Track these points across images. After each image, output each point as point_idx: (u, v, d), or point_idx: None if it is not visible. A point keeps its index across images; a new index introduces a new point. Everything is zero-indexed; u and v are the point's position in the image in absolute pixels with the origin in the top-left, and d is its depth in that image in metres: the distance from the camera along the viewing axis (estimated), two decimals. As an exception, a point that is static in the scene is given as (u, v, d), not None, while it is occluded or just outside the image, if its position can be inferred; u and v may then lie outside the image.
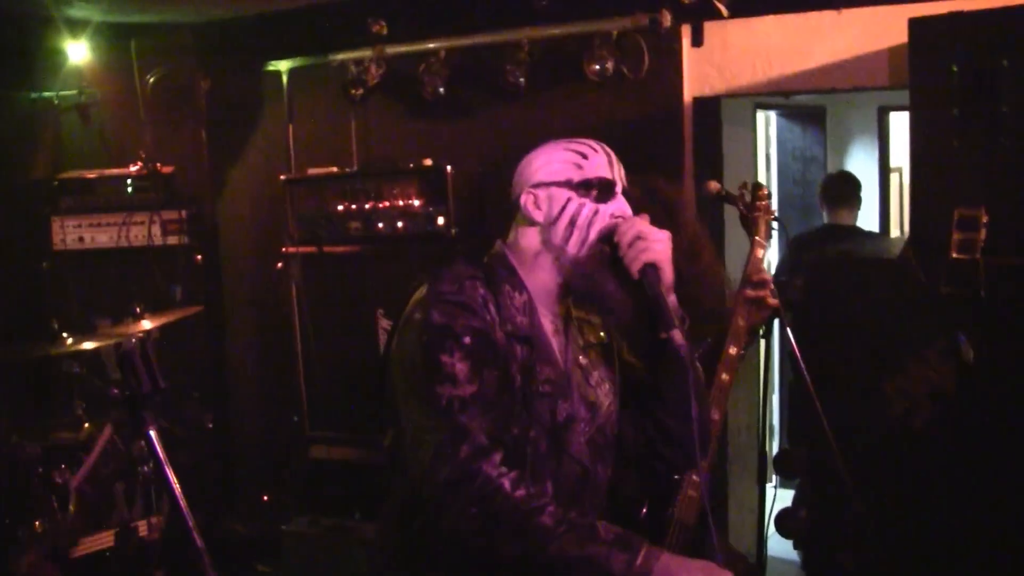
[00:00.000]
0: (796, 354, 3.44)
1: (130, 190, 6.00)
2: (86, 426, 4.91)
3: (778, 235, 3.77)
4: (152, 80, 5.84)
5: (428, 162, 5.33)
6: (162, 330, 5.11)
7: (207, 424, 5.92)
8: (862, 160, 7.33)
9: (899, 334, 3.83)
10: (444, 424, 2.15)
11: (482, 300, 2.26)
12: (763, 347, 3.76)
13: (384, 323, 5.36)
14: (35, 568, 4.25)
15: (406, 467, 2.27)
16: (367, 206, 5.40)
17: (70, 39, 5.81)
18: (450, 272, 2.32)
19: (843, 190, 6.03)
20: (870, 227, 6.51)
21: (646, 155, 4.88)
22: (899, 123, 6.89)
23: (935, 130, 3.73)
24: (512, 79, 5.13)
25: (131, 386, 2.02)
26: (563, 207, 2.34)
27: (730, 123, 5.32)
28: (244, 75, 6.10)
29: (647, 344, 2.39)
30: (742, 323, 3.13)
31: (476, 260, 2.41)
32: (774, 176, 7.14)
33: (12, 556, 4.22)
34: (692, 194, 4.68)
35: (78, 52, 5.90)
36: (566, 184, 2.35)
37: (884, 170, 7.08)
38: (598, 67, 4.93)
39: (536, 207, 2.37)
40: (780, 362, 6.17)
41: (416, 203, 5.29)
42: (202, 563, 2.01)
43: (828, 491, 3.92)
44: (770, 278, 3.21)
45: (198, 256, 6.03)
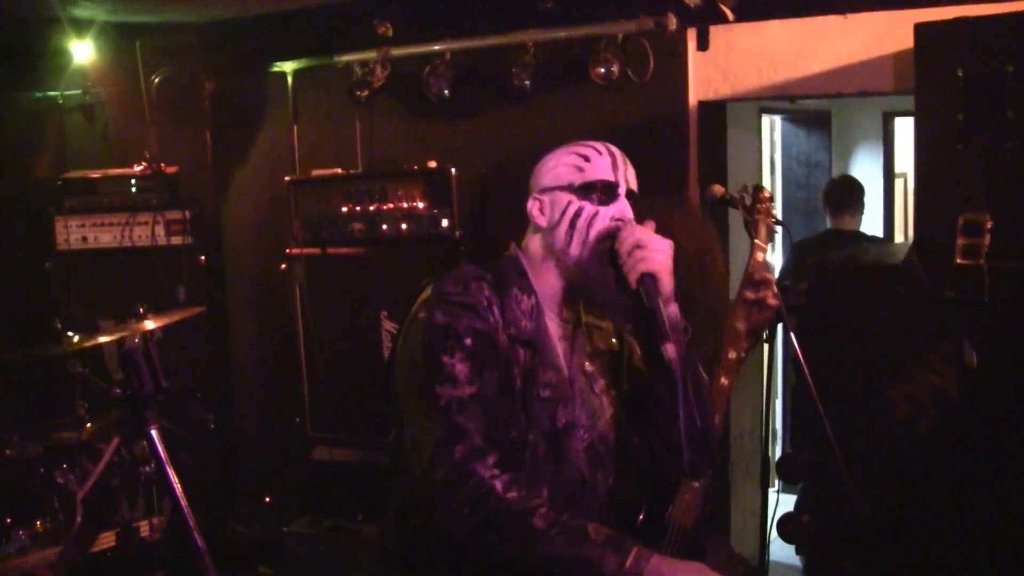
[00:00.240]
0: (799, 358, 3.43)
1: (134, 190, 5.99)
2: (88, 426, 4.90)
3: (782, 239, 3.76)
4: (157, 80, 5.84)
5: (432, 164, 5.32)
6: (165, 330, 5.11)
7: (209, 425, 5.92)
8: (867, 165, 7.32)
9: (903, 339, 3.82)
10: (442, 424, 2.16)
11: (486, 302, 2.27)
12: (766, 351, 3.76)
13: (387, 325, 5.35)
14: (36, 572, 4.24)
15: (407, 466, 2.28)
16: (371, 208, 5.39)
17: (75, 39, 5.80)
18: (456, 273, 2.33)
19: (846, 195, 6.02)
20: (874, 232, 6.50)
21: (651, 159, 4.87)
22: (904, 128, 6.88)
23: (940, 135, 3.72)
24: (517, 82, 5.13)
25: (133, 386, 2.02)
26: (563, 211, 2.35)
27: (735, 127, 5.32)
28: (249, 76, 6.10)
29: (648, 352, 2.40)
30: (741, 327, 3.12)
31: (485, 261, 2.41)
32: (779, 181, 7.13)
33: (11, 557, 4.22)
34: (696, 200, 4.69)
35: (83, 52, 5.90)
36: (568, 188, 2.36)
37: (889, 175, 7.07)
38: (603, 70, 4.92)
39: (540, 212, 2.39)
40: (783, 366, 6.16)
41: (420, 205, 5.28)
42: (203, 564, 2.01)
43: (831, 496, 3.91)
44: (772, 279, 3.19)
45: (202, 257, 6.03)
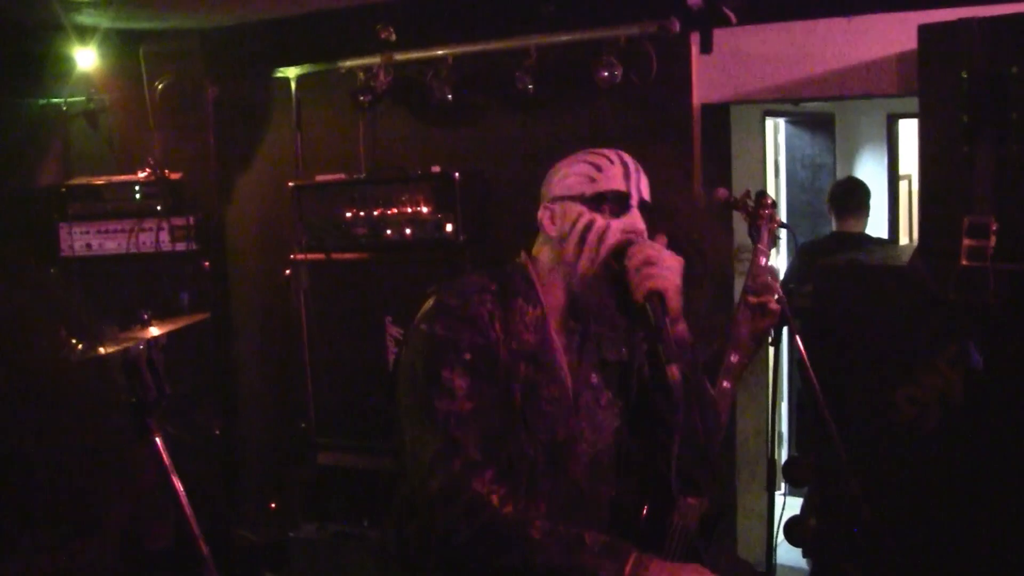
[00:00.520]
0: (805, 361, 3.43)
1: (138, 196, 6.00)
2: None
3: (786, 242, 3.75)
4: (160, 86, 5.83)
5: (436, 169, 5.32)
6: (170, 337, 5.10)
7: (214, 431, 5.92)
8: (871, 167, 7.32)
9: (908, 341, 3.81)
10: (440, 438, 2.16)
11: (488, 316, 2.26)
12: (771, 354, 3.75)
13: (392, 330, 5.35)
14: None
15: (406, 472, 2.28)
16: (375, 213, 5.39)
17: (79, 45, 5.80)
18: (459, 284, 2.32)
19: (851, 197, 6.01)
20: (879, 234, 6.49)
21: (655, 162, 4.86)
22: (908, 130, 6.88)
23: (944, 137, 3.71)
24: (521, 86, 5.12)
25: (137, 393, 2.03)
26: (574, 223, 2.33)
27: (738, 130, 5.31)
28: (252, 81, 6.11)
29: (652, 370, 2.38)
30: (744, 331, 3.11)
31: (492, 269, 2.40)
32: (783, 183, 7.12)
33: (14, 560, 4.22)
34: (702, 203, 4.68)
35: (87, 58, 5.90)
36: (579, 198, 2.34)
37: (893, 177, 7.06)
38: (607, 74, 4.92)
39: (551, 222, 2.37)
40: (789, 369, 6.15)
41: (424, 210, 5.28)
42: (207, 570, 2.01)
43: (837, 499, 3.90)
44: (774, 283, 3.18)
45: (206, 263, 6.03)
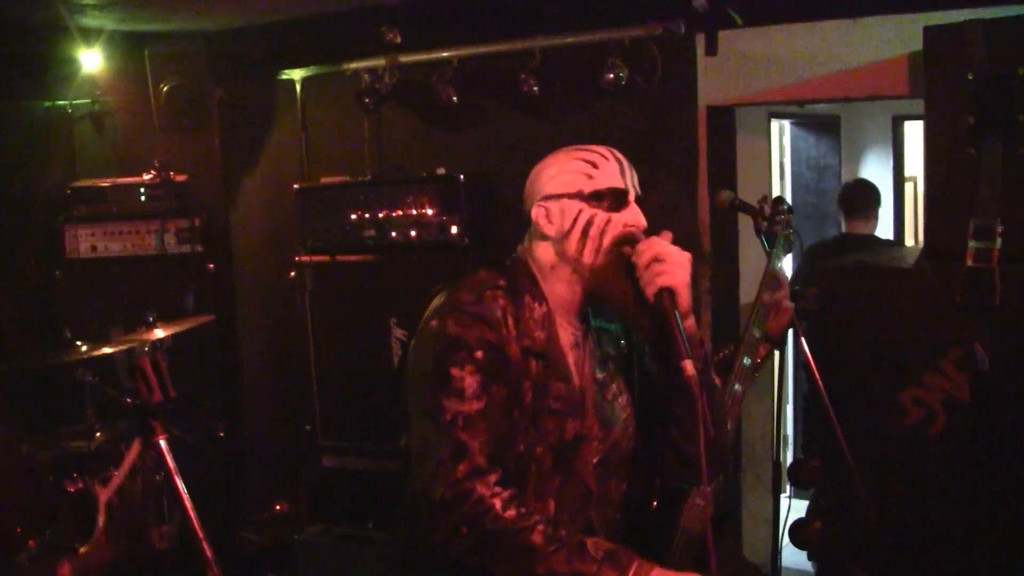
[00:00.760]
0: (810, 364, 3.43)
1: (143, 199, 6.00)
2: (98, 435, 4.91)
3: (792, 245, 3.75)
4: (165, 89, 5.83)
5: (441, 171, 5.32)
6: (175, 339, 5.10)
7: (219, 433, 5.92)
8: (876, 169, 7.30)
9: (914, 343, 3.80)
10: (446, 440, 2.15)
11: (501, 312, 2.24)
12: (777, 357, 3.75)
13: (397, 332, 5.35)
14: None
15: (412, 473, 2.27)
16: (380, 215, 5.39)
17: (84, 48, 5.81)
18: (471, 281, 2.30)
19: (859, 199, 6.00)
20: (885, 236, 6.48)
21: (660, 164, 4.87)
22: (914, 132, 6.87)
23: (950, 139, 3.71)
24: (526, 88, 5.12)
25: (141, 395, 2.02)
26: (575, 219, 2.30)
27: (744, 132, 5.31)
28: (257, 84, 6.11)
29: (661, 364, 2.36)
30: (757, 333, 3.11)
31: (499, 266, 2.38)
32: (788, 185, 7.11)
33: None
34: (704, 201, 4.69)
35: (92, 61, 5.91)
36: (577, 196, 2.31)
37: (899, 179, 7.05)
38: (612, 76, 4.91)
39: (548, 221, 2.34)
40: (795, 372, 6.14)
41: (429, 212, 5.27)
42: (211, 573, 2.01)
43: (842, 502, 3.89)
44: (787, 287, 3.18)
45: (211, 265, 6.04)
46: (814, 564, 5.19)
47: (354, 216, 5.47)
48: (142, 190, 6.00)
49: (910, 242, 6.95)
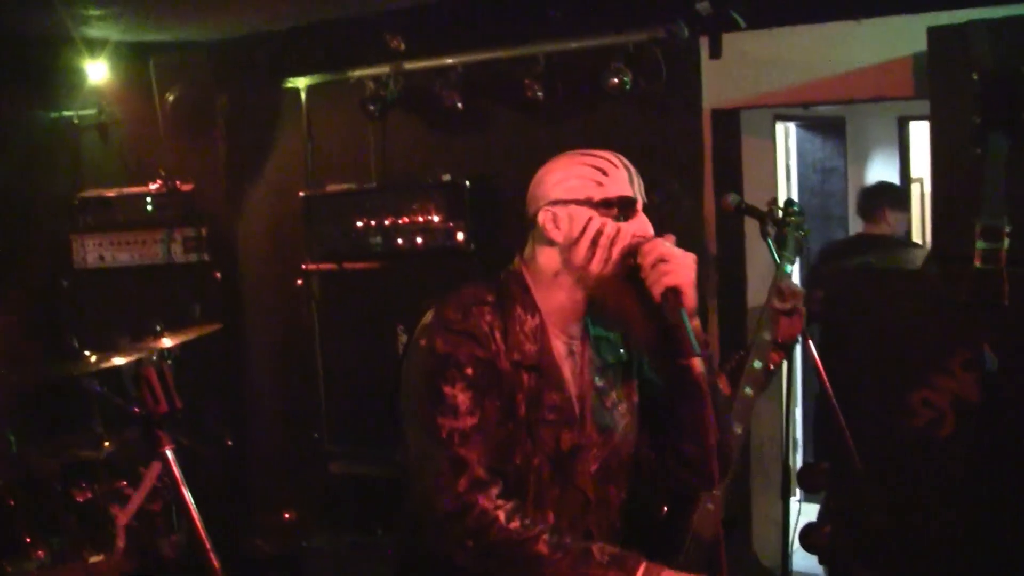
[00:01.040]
0: (818, 367, 3.42)
1: (149, 208, 6.02)
2: (106, 444, 4.91)
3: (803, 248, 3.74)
4: (171, 98, 5.85)
5: (447, 177, 5.32)
6: (182, 347, 5.11)
7: (227, 441, 5.92)
8: (882, 171, 7.29)
9: (922, 345, 3.80)
10: (444, 455, 2.15)
11: (488, 328, 2.23)
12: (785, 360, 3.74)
13: (404, 339, 5.35)
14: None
15: (411, 486, 2.27)
16: (386, 222, 5.40)
17: (89, 59, 5.83)
18: (457, 297, 2.28)
19: (866, 200, 5.98)
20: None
21: (666, 168, 4.87)
22: (919, 133, 6.85)
23: (956, 139, 3.70)
24: (530, 93, 5.12)
25: (148, 406, 2.02)
26: (584, 227, 2.27)
27: (749, 135, 5.30)
28: (262, 92, 6.12)
29: (666, 367, 2.34)
30: (768, 337, 3.10)
31: (490, 280, 2.37)
32: (794, 187, 7.10)
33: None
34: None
35: (97, 72, 5.92)
36: (586, 203, 2.28)
37: (905, 180, 7.03)
38: (616, 80, 4.91)
39: (555, 226, 2.30)
40: (803, 374, 6.13)
41: (435, 218, 5.28)
42: (219, 583, 2.01)
43: (852, 505, 3.88)
44: (799, 291, 3.18)
45: (217, 273, 6.04)
46: (824, 568, 5.18)
47: (360, 223, 5.48)
48: (148, 199, 6.01)
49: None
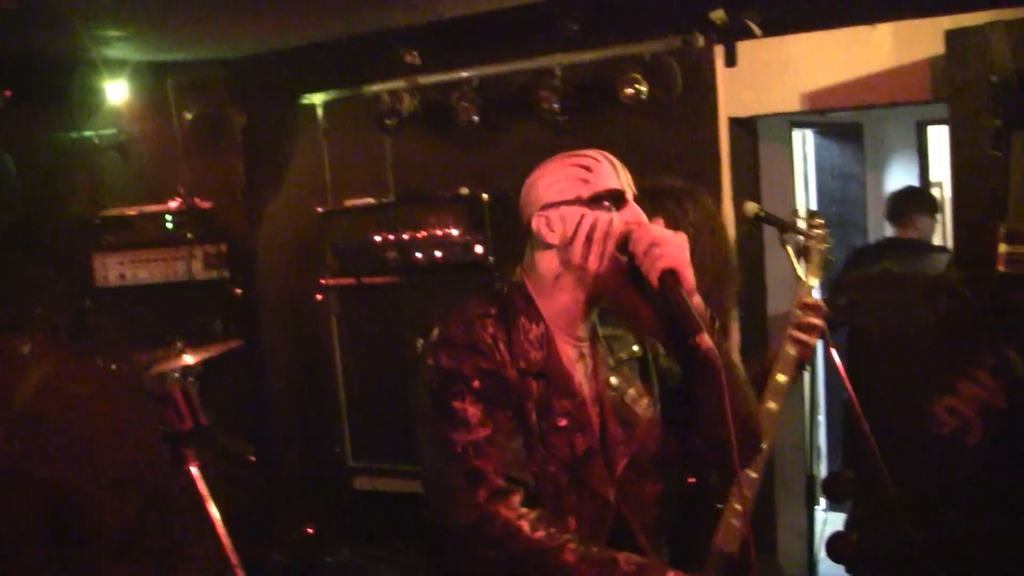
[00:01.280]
0: (841, 374, 3.40)
1: (169, 226, 6.04)
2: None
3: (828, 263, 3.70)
4: (189, 116, 5.87)
5: (464, 190, 5.32)
6: (203, 364, 5.12)
7: (248, 457, 5.92)
8: (901, 175, 7.27)
9: (946, 351, 3.77)
10: (459, 469, 2.16)
11: (491, 340, 2.24)
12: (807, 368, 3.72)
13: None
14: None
15: (431, 504, 2.28)
16: (404, 236, 5.40)
17: (108, 79, 5.86)
18: (458, 313, 2.30)
19: (895, 205, 5.95)
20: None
21: (683, 177, 4.85)
22: (938, 137, 6.83)
23: (976, 142, 3.68)
24: (546, 105, 5.12)
25: (172, 424, 2.03)
26: (577, 224, 2.28)
27: (766, 142, 5.29)
28: (279, 109, 6.15)
29: (678, 350, 2.35)
30: (792, 351, 3.09)
31: (492, 294, 2.38)
32: (812, 195, 7.08)
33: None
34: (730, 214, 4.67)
35: (116, 92, 5.95)
36: (576, 201, 2.30)
37: (924, 185, 7.01)
38: (632, 91, 4.91)
39: (550, 229, 2.31)
40: (826, 382, 6.11)
41: (454, 232, 5.28)
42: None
43: (877, 514, 3.86)
44: (822, 305, 3.16)
45: (237, 289, 6.05)
46: (851, 578, 5.15)
47: (378, 238, 5.48)
48: (168, 217, 6.03)
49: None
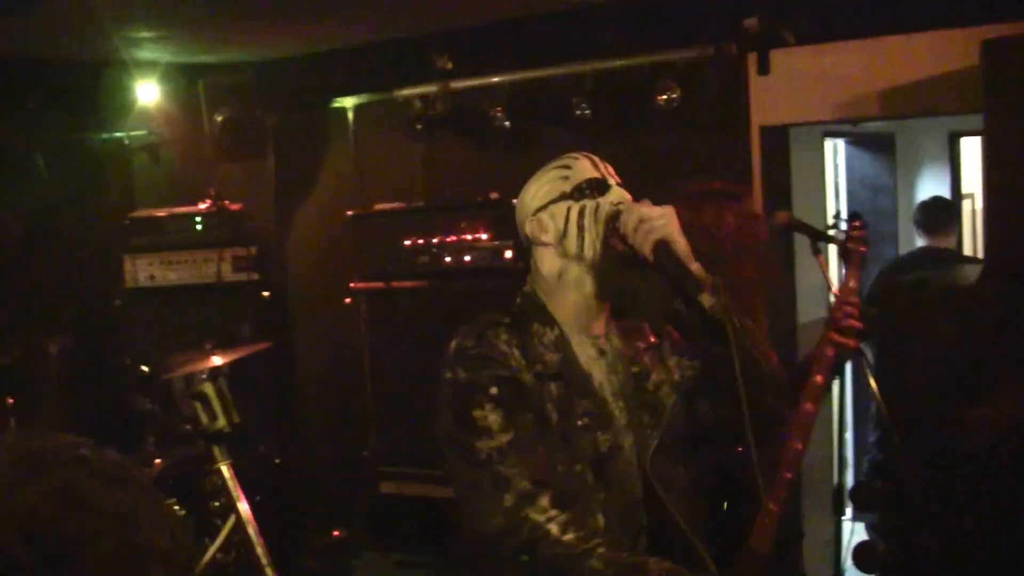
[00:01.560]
0: (872, 384, 3.38)
1: (199, 228, 6.07)
2: (156, 462, 4.94)
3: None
4: (220, 119, 5.89)
5: (495, 195, 5.33)
6: (232, 366, 5.14)
7: (275, 460, 5.94)
8: (933, 187, 7.22)
9: (979, 363, 3.75)
10: (486, 476, 2.19)
11: (506, 347, 2.28)
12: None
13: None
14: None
15: (462, 516, 2.30)
16: (434, 240, 5.41)
17: (139, 81, 5.90)
18: (471, 325, 2.34)
19: (931, 216, 5.91)
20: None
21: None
22: (971, 149, 6.79)
23: (1011, 153, 3.66)
24: (578, 111, 5.12)
25: (204, 422, 2.03)
26: (566, 217, 2.36)
27: (798, 151, 5.27)
28: (310, 112, 6.18)
29: (688, 320, 2.39)
30: (830, 353, 3.07)
31: (505, 305, 2.42)
32: (843, 205, 7.05)
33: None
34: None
35: (147, 93, 5.99)
36: (561, 198, 2.38)
37: (956, 196, 6.97)
38: (664, 98, 4.90)
39: (543, 230, 2.40)
40: (854, 392, 6.07)
41: (483, 237, 5.29)
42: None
43: (905, 524, 3.84)
44: (858, 303, 3.14)
45: (266, 292, 6.08)
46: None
47: (408, 242, 5.49)
48: (198, 219, 6.06)
49: (968, 260, 6.85)
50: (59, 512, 1.11)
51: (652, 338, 2.52)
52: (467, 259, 5.32)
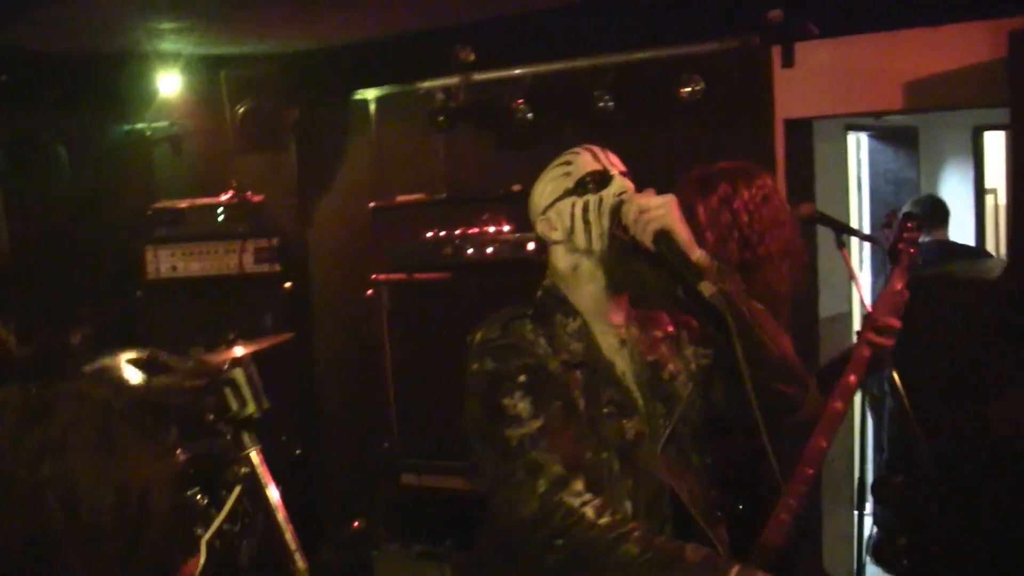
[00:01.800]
0: (895, 379, 3.37)
1: (221, 219, 6.08)
2: (178, 452, 4.95)
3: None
4: (241, 111, 5.90)
5: (517, 188, 5.33)
6: (254, 357, 5.15)
7: (296, 451, 5.95)
8: (956, 181, 7.20)
9: (999, 357, 3.74)
10: (519, 464, 2.18)
11: (532, 336, 2.30)
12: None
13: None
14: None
15: (492, 508, 2.30)
16: (456, 232, 5.42)
17: (161, 72, 5.92)
18: (496, 317, 2.36)
19: (939, 211, 5.91)
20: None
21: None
22: (994, 143, 6.76)
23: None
24: (600, 104, 5.11)
25: (235, 409, 2.04)
26: (571, 213, 2.37)
27: (821, 144, 5.26)
28: (332, 104, 6.18)
29: (696, 308, 2.39)
30: (867, 353, 3.06)
31: (527, 298, 2.44)
32: (866, 199, 7.03)
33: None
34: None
35: (169, 85, 6.01)
36: (565, 194, 2.39)
37: (979, 191, 6.94)
38: (688, 90, 4.89)
39: (552, 227, 2.41)
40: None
41: (506, 229, 5.29)
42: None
43: (926, 518, 3.83)
44: (903, 302, 3.12)
45: (288, 284, 6.09)
46: (899, 582, 5.10)
47: (430, 234, 5.50)
48: (220, 211, 6.08)
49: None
50: None
51: (670, 328, 2.54)
52: (489, 251, 5.32)
